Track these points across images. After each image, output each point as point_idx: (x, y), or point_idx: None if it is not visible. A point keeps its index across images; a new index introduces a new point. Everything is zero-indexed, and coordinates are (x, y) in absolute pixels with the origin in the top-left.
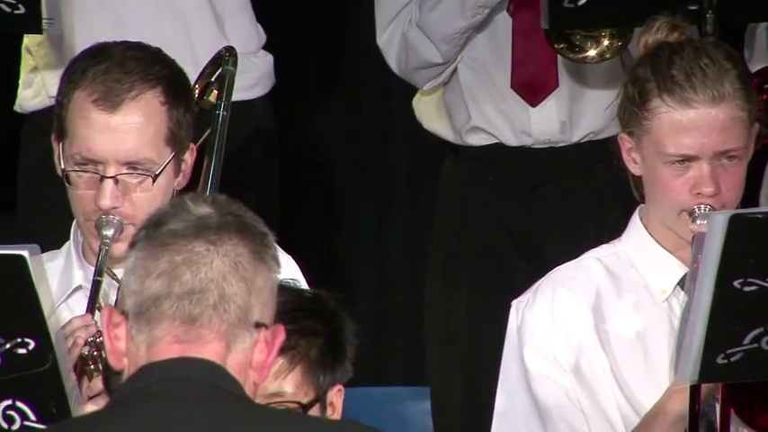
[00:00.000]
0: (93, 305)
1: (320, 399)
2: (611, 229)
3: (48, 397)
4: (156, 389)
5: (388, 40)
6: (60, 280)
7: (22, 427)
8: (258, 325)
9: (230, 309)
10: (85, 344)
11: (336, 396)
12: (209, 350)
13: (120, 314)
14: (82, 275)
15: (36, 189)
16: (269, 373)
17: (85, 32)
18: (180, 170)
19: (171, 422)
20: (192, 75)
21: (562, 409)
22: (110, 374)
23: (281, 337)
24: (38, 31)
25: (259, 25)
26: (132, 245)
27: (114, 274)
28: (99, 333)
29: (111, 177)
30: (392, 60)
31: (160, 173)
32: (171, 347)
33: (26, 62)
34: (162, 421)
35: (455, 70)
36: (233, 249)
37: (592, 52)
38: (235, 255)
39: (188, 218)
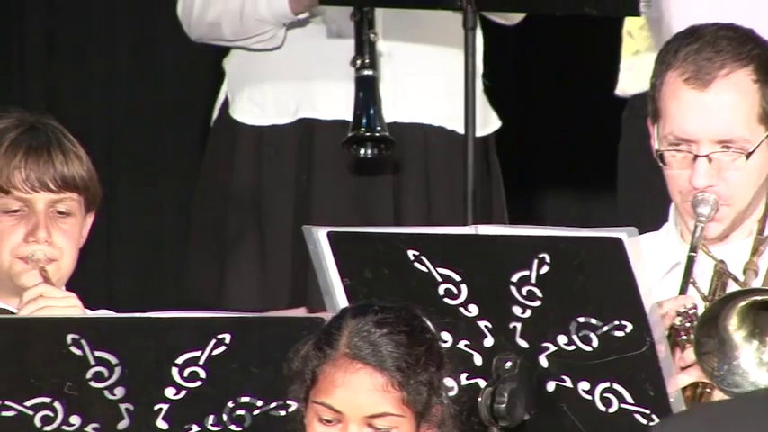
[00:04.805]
0: (686, 279)
1: None
2: None
3: (645, 380)
4: None
5: None
6: (658, 258)
7: (620, 409)
8: None
9: None
10: (678, 314)
11: None
12: None
13: None
14: (681, 253)
15: (636, 172)
16: None
17: (683, 15)
18: None
19: None
20: None
21: None
22: (699, 345)
23: None
24: (635, 13)
25: None
26: None
27: (709, 251)
28: (693, 305)
29: (704, 156)
30: None
31: (753, 151)
32: None
33: (627, 46)
34: None
35: None
36: None
37: None
38: None
39: None
